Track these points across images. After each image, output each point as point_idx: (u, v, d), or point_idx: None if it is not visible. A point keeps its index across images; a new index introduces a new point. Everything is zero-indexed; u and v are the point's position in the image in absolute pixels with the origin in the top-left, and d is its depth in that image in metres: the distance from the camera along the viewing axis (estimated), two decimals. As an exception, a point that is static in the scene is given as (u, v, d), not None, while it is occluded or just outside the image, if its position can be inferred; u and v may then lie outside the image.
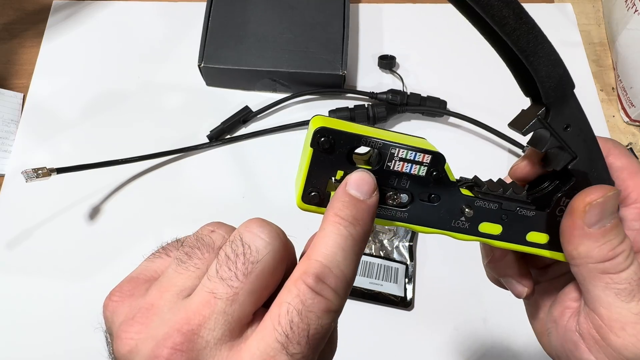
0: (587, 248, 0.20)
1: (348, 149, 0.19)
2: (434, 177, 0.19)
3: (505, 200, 0.20)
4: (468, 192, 0.20)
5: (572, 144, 0.19)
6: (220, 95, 0.62)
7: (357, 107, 0.58)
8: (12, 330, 0.50)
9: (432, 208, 0.20)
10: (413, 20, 0.67)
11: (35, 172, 0.48)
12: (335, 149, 0.19)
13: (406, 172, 0.19)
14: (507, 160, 0.58)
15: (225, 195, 0.56)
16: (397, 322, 0.50)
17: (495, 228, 0.20)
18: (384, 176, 0.19)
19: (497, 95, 0.62)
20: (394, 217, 0.20)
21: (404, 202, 0.20)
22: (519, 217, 0.20)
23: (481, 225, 0.20)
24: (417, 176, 0.19)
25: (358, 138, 0.19)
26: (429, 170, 0.19)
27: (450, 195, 0.20)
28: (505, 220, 0.20)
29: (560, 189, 0.20)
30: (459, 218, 0.20)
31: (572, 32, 0.66)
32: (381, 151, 0.19)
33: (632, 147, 0.59)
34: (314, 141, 0.19)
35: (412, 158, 0.19)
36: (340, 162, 0.19)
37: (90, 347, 0.49)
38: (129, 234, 0.54)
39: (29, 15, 0.67)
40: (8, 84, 0.62)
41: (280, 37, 0.59)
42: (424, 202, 0.20)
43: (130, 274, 0.22)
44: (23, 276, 0.52)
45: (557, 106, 0.19)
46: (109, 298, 0.21)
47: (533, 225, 0.20)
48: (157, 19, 0.67)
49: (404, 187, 0.20)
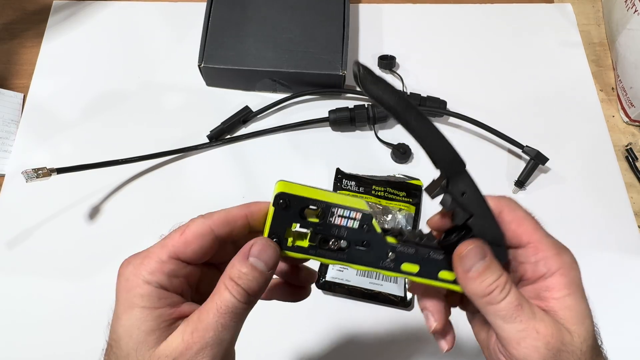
0: (472, 287, 0.25)
1: (300, 208, 0.25)
2: (364, 230, 0.26)
3: (420, 247, 0.26)
4: (393, 240, 0.26)
5: (468, 206, 0.25)
6: (220, 95, 0.62)
7: (357, 107, 0.58)
8: (12, 330, 0.50)
9: (365, 252, 0.26)
10: (413, 20, 0.67)
11: (36, 172, 0.48)
12: (290, 208, 0.25)
13: (343, 225, 0.26)
14: (506, 160, 0.58)
15: (225, 195, 0.56)
16: (397, 322, 0.50)
17: (413, 267, 0.26)
18: (327, 227, 0.26)
19: (496, 95, 0.62)
20: (335, 258, 0.26)
21: (343, 246, 0.26)
22: (431, 260, 0.26)
23: (403, 265, 0.26)
24: (352, 228, 0.26)
25: (307, 200, 0.25)
26: (360, 224, 0.26)
27: (378, 243, 0.26)
28: (421, 261, 0.26)
29: (462, 239, 0.26)
30: (385, 259, 0.26)
31: (572, 32, 0.66)
32: (324, 210, 0.25)
33: (632, 147, 0.59)
34: (275, 202, 0.25)
35: (347, 215, 0.26)
36: (294, 217, 0.26)
37: (90, 347, 0.49)
38: (129, 234, 0.54)
39: (29, 16, 0.67)
40: (8, 84, 0.62)
41: (280, 37, 0.59)
42: (359, 247, 0.26)
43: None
44: (23, 276, 0.52)
45: (454, 179, 0.25)
46: None
47: (443, 266, 0.26)
48: (157, 19, 0.67)
49: (343, 235, 0.26)
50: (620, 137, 0.60)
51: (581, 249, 0.53)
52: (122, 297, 0.25)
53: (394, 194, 0.54)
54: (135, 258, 0.26)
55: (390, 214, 0.53)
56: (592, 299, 0.28)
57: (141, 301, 0.24)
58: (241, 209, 0.27)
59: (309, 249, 0.26)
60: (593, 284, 0.51)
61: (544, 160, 0.55)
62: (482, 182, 0.26)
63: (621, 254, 0.53)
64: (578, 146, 0.59)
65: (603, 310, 0.42)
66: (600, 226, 0.55)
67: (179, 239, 0.26)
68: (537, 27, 0.66)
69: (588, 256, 0.53)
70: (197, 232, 0.26)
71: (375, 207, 0.53)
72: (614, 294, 0.51)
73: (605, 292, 0.51)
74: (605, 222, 0.55)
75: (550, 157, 0.55)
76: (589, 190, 0.57)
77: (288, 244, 0.26)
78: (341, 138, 0.60)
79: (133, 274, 0.25)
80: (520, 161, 0.58)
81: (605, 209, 0.56)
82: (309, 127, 0.60)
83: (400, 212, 0.53)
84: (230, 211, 0.27)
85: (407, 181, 0.55)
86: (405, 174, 0.57)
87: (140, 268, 0.25)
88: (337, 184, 0.55)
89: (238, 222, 0.27)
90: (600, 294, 0.51)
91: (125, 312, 0.24)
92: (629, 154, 0.59)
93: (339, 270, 0.50)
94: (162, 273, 0.25)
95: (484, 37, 0.65)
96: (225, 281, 0.25)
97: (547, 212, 0.55)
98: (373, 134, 0.59)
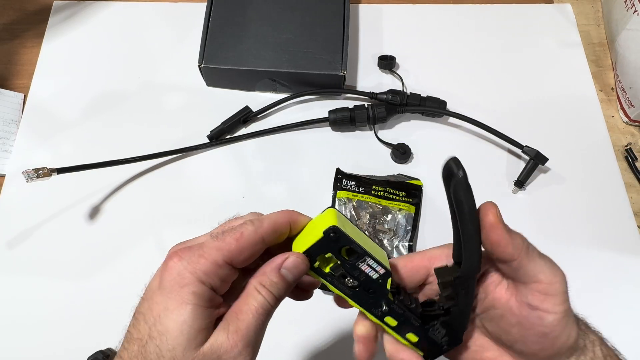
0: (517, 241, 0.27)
1: (342, 245, 0.28)
2: (379, 282, 0.29)
3: (407, 311, 0.30)
4: (390, 297, 0.29)
5: (459, 299, 0.29)
6: (220, 95, 0.62)
7: (357, 107, 0.58)
8: (12, 330, 0.50)
9: (367, 296, 0.30)
10: (413, 20, 0.67)
11: (36, 172, 0.48)
12: (336, 242, 0.28)
13: (365, 272, 0.29)
14: (506, 160, 0.58)
15: (226, 195, 0.56)
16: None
17: (393, 322, 0.30)
18: (353, 268, 0.29)
19: (496, 95, 0.62)
20: (343, 291, 0.29)
21: (354, 286, 0.29)
22: (409, 322, 0.30)
23: (387, 317, 0.30)
24: (370, 277, 0.29)
25: (352, 243, 0.28)
26: (378, 277, 0.29)
27: (381, 294, 0.29)
28: (401, 320, 0.30)
29: (438, 318, 0.30)
30: (377, 308, 0.30)
31: (572, 33, 0.66)
32: (359, 256, 0.28)
33: (632, 147, 0.59)
34: (326, 232, 0.27)
35: (373, 267, 0.28)
36: (333, 250, 0.28)
37: (91, 347, 0.49)
38: (129, 233, 0.54)
39: (29, 16, 0.67)
40: (9, 84, 0.62)
41: (280, 37, 0.59)
42: (365, 291, 0.29)
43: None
44: (23, 276, 0.52)
45: (464, 280, 0.28)
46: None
47: (413, 330, 0.30)
48: (157, 19, 0.67)
49: (360, 279, 0.29)
50: (620, 137, 0.60)
51: (581, 248, 0.54)
52: (174, 290, 0.25)
53: (393, 194, 0.54)
54: (188, 253, 0.26)
55: (390, 214, 0.53)
56: (591, 299, 0.28)
57: (194, 299, 0.25)
58: (285, 217, 0.28)
59: (327, 275, 0.29)
60: (592, 284, 0.52)
61: (544, 160, 0.56)
62: (482, 182, 0.26)
63: (621, 254, 0.53)
64: (578, 146, 0.59)
65: (602, 309, 0.42)
66: (600, 226, 0.55)
67: (236, 245, 0.26)
68: (537, 28, 0.66)
69: (587, 256, 0.53)
70: (252, 241, 0.27)
71: (375, 207, 0.53)
72: (613, 294, 0.51)
73: (604, 291, 0.51)
74: (604, 222, 0.55)
75: (550, 157, 0.55)
76: (589, 190, 0.57)
77: (315, 265, 0.29)
78: (341, 138, 0.60)
79: (188, 270, 0.25)
80: (520, 161, 0.58)
81: (605, 209, 0.56)
82: (309, 127, 0.60)
83: (400, 212, 0.53)
84: (277, 219, 0.28)
85: (407, 181, 0.55)
86: (405, 174, 0.57)
87: (196, 266, 0.26)
88: (337, 184, 0.55)
89: (283, 230, 0.28)
90: (600, 293, 0.52)
91: (179, 307, 0.25)
92: (628, 154, 0.59)
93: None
94: (216, 276, 0.26)
95: (483, 38, 0.66)
96: (257, 286, 0.27)
97: (546, 212, 0.56)
98: (373, 134, 0.59)
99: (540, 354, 0.28)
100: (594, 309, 0.32)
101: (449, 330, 0.30)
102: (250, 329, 0.26)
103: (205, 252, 0.26)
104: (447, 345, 0.31)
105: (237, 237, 0.26)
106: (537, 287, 0.27)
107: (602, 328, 0.30)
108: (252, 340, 0.26)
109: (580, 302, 0.31)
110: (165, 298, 0.25)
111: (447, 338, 0.31)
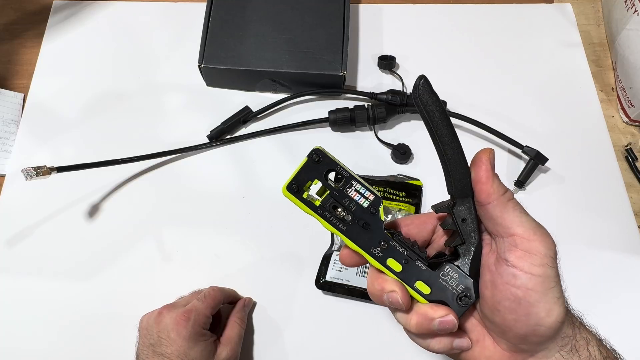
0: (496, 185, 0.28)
1: (328, 168, 0.28)
2: (370, 211, 0.28)
3: (410, 250, 0.29)
4: (386, 232, 0.29)
5: (463, 233, 0.28)
6: (220, 95, 0.62)
7: (357, 108, 0.58)
8: (12, 329, 0.50)
9: (362, 232, 0.29)
10: (413, 20, 0.67)
11: (35, 170, 0.48)
12: (320, 165, 0.28)
13: (355, 200, 0.28)
14: (506, 160, 0.58)
15: (225, 196, 0.56)
16: (397, 322, 0.50)
17: (397, 266, 0.28)
18: (342, 195, 0.29)
19: (496, 95, 0.62)
20: (336, 226, 0.29)
21: (347, 219, 0.29)
22: (415, 266, 0.29)
23: (389, 259, 0.29)
24: (361, 206, 0.28)
25: (336, 164, 0.28)
26: (369, 204, 0.28)
27: (376, 229, 0.28)
28: (405, 263, 0.28)
29: (449, 261, 0.29)
30: (376, 247, 0.29)
31: (572, 33, 0.66)
32: (347, 179, 0.29)
33: (632, 147, 0.59)
34: (310, 154, 0.28)
35: (362, 192, 0.28)
36: (319, 175, 0.28)
37: (90, 346, 0.49)
38: (129, 233, 0.54)
39: (29, 16, 0.67)
40: (9, 84, 0.62)
41: (280, 38, 0.59)
42: (359, 226, 0.29)
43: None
44: (23, 276, 0.52)
45: (460, 201, 0.28)
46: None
47: (422, 276, 0.29)
48: (157, 19, 0.67)
49: (351, 209, 0.29)
50: (620, 137, 0.60)
51: (581, 248, 0.54)
52: (189, 336, 0.42)
53: (393, 194, 0.54)
54: (186, 315, 0.43)
55: (390, 214, 0.53)
56: (591, 299, 0.28)
57: (203, 337, 0.43)
58: (229, 291, 0.51)
59: (318, 208, 0.29)
60: (593, 284, 0.52)
61: (544, 160, 0.56)
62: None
63: (621, 254, 0.53)
64: (578, 146, 0.59)
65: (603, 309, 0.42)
66: (600, 226, 0.55)
67: (210, 303, 0.46)
68: (537, 27, 0.66)
69: (588, 256, 0.53)
70: (219, 300, 0.47)
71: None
72: (613, 294, 0.51)
73: (605, 291, 0.51)
74: (605, 221, 0.55)
75: (550, 157, 0.55)
76: (589, 190, 0.57)
77: (304, 195, 0.29)
78: (341, 138, 0.60)
79: (193, 326, 0.43)
80: (520, 161, 0.58)
81: (605, 208, 0.56)
82: (309, 128, 0.60)
83: (400, 212, 0.53)
84: (215, 297, 0.47)
85: (407, 181, 0.55)
86: (405, 174, 0.57)
87: (198, 321, 0.43)
88: (337, 184, 0.55)
89: (228, 297, 0.50)
90: (600, 293, 0.52)
91: (196, 344, 0.42)
92: (628, 154, 0.59)
93: (338, 271, 0.50)
94: (207, 323, 0.45)
95: (483, 38, 0.66)
96: (235, 320, 0.48)
97: (547, 211, 0.55)
98: (373, 134, 0.59)
99: (517, 329, 0.26)
100: (594, 309, 0.32)
101: (462, 279, 0.28)
102: (238, 346, 0.47)
103: (198, 311, 0.44)
104: (466, 298, 0.28)
105: (212, 297, 0.46)
106: (514, 240, 0.26)
107: (602, 328, 0.30)
108: (238, 351, 0.47)
109: (580, 302, 0.31)
110: (184, 339, 0.42)
111: (463, 288, 0.28)
